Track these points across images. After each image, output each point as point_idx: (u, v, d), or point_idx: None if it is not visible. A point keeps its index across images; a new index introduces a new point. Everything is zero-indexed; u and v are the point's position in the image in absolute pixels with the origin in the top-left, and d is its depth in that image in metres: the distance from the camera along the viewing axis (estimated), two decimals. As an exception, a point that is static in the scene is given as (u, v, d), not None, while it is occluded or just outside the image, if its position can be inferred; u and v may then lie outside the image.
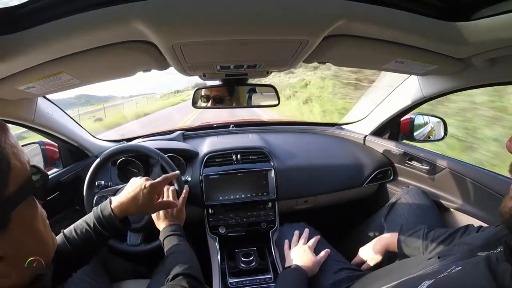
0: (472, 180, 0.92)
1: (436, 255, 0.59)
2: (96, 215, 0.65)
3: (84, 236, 0.63)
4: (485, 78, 0.74)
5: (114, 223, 0.65)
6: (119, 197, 0.69)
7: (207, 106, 0.99)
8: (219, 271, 0.99)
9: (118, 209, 0.66)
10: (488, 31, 0.50)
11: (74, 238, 0.62)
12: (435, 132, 1.18)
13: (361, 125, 1.38)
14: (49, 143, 1.10)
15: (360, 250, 0.92)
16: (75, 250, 0.62)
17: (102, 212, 0.65)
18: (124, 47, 0.54)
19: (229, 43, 0.54)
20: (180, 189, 0.94)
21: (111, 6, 0.43)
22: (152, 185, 0.70)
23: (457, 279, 0.38)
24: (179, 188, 0.94)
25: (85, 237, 0.63)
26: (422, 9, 0.50)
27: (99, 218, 0.65)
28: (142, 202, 0.68)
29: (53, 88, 0.70)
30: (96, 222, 0.64)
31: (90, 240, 0.63)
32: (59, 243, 0.61)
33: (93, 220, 0.65)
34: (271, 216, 1.12)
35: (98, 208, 0.67)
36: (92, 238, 0.63)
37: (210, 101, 0.97)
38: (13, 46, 0.46)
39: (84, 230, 0.63)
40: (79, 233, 0.63)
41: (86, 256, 0.65)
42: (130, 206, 0.67)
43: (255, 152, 1.17)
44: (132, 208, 0.67)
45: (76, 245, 0.62)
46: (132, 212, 0.68)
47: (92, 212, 0.67)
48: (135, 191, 0.69)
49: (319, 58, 0.70)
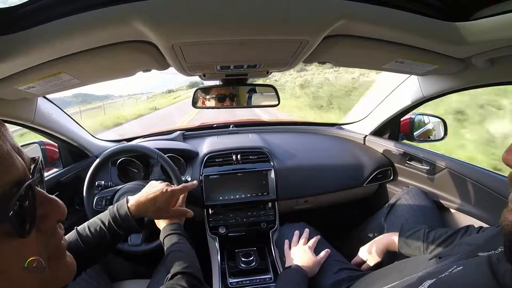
0: (472, 180, 0.92)
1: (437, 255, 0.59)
2: (112, 213, 0.65)
3: (98, 234, 0.62)
4: (485, 78, 0.74)
5: (130, 222, 0.64)
6: (137, 197, 0.69)
7: (207, 106, 0.99)
8: (219, 271, 0.99)
9: (135, 209, 0.66)
10: (488, 31, 0.50)
11: (87, 235, 0.62)
12: (435, 132, 1.18)
13: (361, 125, 1.38)
14: (49, 143, 1.10)
15: (360, 250, 0.92)
16: (87, 248, 0.61)
17: (118, 211, 0.65)
18: (124, 47, 0.54)
19: (229, 43, 0.54)
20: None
21: (111, 6, 0.43)
22: (173, 191, 0.70)
23: (459, 278, 0.38)
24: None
25: (99, 235, 0.62)
26: (422, 9, 0.50)
27: (115, 217, 0.64)
28: (160, 206, 0.68)
29: (53, 88, 0.70)
30: (111, 220, 0.64)
31: (103, 238, 0.62)
32: (71, 240, 0.61)
33: (108, 218, 0.64)
34: (271, 216, 1.12)
35: (114, 207, 0.67)
36: (106, 237, 0.62)
37: (210, 101, 0.97)
38: (13, 46, 0.46)
39: (99, 228, 0.63)
40: (93, 231, 0.62)
41: (98, 254, 0.64)
42: (149, 207, 0.67)
43: (255, 152, 1.17)
44: (150, 209, 0.67)
45: (89, 242, 0.61)
46: (150, 214, 0.68)
47: (108, 210, 0.67)
48: (155, 193, 0.68)
49: (319, 58, 0.70)
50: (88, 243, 0.61)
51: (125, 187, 0.96)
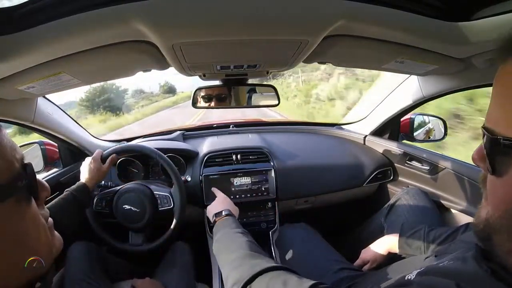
0: (472, 180, 0.92)
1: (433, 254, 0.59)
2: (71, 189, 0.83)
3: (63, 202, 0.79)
4: (485, 78, 0.74)
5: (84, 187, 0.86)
6: (83, 178, 0.88)
7: (207, 106, 0.99)
8: (219, 271, 0.99)
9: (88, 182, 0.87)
10: (488, 31, 0.50)
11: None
12: (435, 132, 1.18)
13: (361, 125, 1.38)
14: (49, 143, 1.10)
15: (362, 252, 0.92)
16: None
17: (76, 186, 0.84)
18: (124, 47, 0.54)
19: (229, 43, 0.54)
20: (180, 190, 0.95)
21: (111, 6, 0.43)
22: (92, 158, 0.92)
23: (445, 267, 0.39)
24: (179, 189, 0.94)
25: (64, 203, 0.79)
26: (422, 9, 0.50)
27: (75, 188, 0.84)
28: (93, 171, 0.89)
29: (53, 88, 0.70)
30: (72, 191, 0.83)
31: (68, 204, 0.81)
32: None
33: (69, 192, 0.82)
34: (271, 216, 1.12)
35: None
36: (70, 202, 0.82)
37: (210, 101, 0.97)
38: (13, 46, 0.46)
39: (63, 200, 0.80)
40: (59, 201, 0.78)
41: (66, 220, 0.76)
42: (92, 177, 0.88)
43: (255, 152, 1.17)
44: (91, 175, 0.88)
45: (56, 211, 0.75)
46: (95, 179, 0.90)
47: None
48: (85, 168, 0.90)
49: (319, 58, 0.70)
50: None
51: (125, 187, 0.96)
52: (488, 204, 0.32)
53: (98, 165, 0.90)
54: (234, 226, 0.71)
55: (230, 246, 0.62)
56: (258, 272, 0.49)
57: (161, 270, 0.95)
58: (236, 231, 0.67)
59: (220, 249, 0.64)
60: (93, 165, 0.90)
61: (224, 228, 0.70)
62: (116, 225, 0.95)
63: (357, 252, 0.93)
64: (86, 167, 0.90)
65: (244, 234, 0.66)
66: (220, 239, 0.67)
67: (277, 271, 0.49)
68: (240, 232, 0.66)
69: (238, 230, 0.67)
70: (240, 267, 0.53)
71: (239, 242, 0.61)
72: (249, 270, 0.50)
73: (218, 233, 0.70)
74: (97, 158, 0.92)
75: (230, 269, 0.55)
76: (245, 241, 0.61)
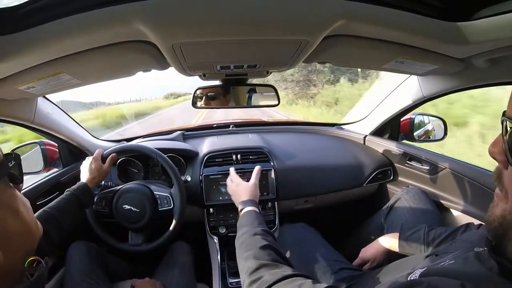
0: (472, 180, 0.92)
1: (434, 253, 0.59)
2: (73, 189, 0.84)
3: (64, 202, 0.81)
4: (485, 78, 0.74)
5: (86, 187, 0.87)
6: (83, 178, 0.89)
7: (207, 106, 0.99)
8: (219, 271, 0.99)
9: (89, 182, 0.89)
10: (488, 31, 0.50)
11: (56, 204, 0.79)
12: (435, 132, 1.18)
13: (361, 125, 1.38)
14: (49, 143, 1.10)
15: (362, 251, 0.92)
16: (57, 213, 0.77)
17: (77, 186, 0.86)
18: (124, 47, 0.54)
19: (229, 43, 0.54)
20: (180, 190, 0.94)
21: (111, 6, 0.43)
22: (93, 158, 0.93)
23: (448, 268, 0.39)
24: (179, 189, 0.94)
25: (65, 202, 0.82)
26: (422, 9, 0.50)
27: (75, 188, 0.85)
28: (94, 171, 0.90)
29: (53, 88, 0.70)
30: (73, 191, 0.84)
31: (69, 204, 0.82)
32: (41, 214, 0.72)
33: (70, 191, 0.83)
34: (271, 216, 1.12)
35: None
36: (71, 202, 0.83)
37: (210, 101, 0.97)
38: (13, 46, 0.46)
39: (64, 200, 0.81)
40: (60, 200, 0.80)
41: (67, 219, 0.77)
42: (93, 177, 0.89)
43: (255, 152, 1.17)
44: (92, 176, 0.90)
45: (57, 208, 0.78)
46: (96, 179, 0.91)
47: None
48: (86, 167, 0.91)
49: (319, 58, 0.70)
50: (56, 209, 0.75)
51: (125, 187, 0.96)
52: (502, 200, 0.30)
53: (99, 165, 0.90)
54: (256, 223, 0.72)
55: (249, 248, 0.63)
56: (273, 282, 0.50)
57: (161, 270, 0.95)
58: (256, 231, 0.68)
59: (240, 250, 0.65)
60: (93, 165, 0.90)
61: (246, 226, 0.71)
62: (116, 225, 0.95)
63: (357, 252, 0.93)
64: (86, 167, 0.90)
65: (263, 235, 0.66)
66: (241, 237, 0.68)
67: (292, 278, 0.50)
68: (260, 233, 0.67)
69: (258, 231, 0.68)
70: (258, 281, 0.53)
71: (257, 249, 0.61)
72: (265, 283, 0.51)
73: (241, 229, 0.71)
74: (98, 158, 0.92)
75: (246, 276, 0.56)
76: (264, 246, 0.61)
